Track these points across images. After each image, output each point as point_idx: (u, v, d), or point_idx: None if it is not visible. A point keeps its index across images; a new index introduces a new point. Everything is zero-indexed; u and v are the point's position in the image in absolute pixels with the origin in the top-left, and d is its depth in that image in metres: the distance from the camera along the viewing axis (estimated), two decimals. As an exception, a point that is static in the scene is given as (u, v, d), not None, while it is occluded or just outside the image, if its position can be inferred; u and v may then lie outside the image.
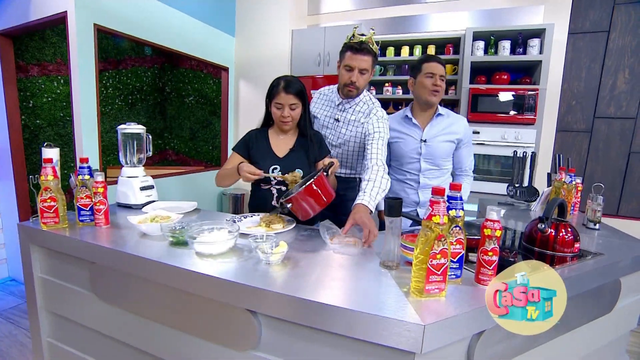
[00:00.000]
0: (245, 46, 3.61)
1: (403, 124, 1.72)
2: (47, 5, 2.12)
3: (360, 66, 1.49)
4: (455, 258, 0.86)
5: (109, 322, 1.14)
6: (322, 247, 1.12)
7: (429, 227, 0.76)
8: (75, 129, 2.11)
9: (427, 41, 3.10)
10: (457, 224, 0.84)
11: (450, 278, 0.86)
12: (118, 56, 3.71)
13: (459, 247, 0.85)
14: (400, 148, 1.72)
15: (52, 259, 1.24)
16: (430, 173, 1.71)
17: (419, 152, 1.68)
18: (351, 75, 1.51)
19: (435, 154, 1.68)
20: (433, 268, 0.76)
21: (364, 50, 1.46)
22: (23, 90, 2.96)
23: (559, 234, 1.16)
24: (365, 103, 1.62)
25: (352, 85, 1.54)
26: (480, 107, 2.79)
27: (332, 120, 1.68)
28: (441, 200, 0.77)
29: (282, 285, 0.83)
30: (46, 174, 1.18)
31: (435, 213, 0.76)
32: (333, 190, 1.27)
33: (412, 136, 1.69)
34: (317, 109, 1.75)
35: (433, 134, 1.67)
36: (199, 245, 1.01)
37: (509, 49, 2.77)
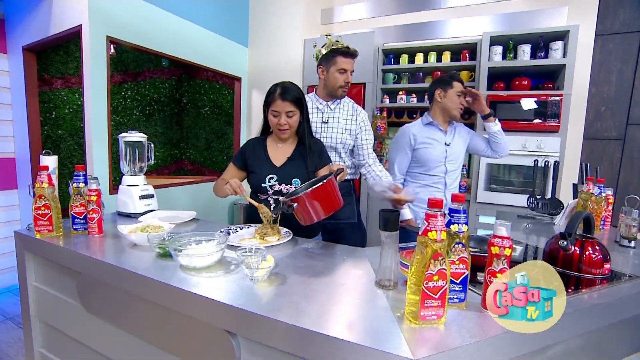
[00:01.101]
0: (258, 56, 3.63)
1: (429, 130, 1.80)
2: (65, 20, 2.20)
3: (351, 68, 1.68)
4: (458, 279, 0.75)
5: (96, 336, 1.10)
6: (316, 263, 1.04)
7: (425, 244, 0.67)
8: (87, 139, 2.14)
9: (442, 47, 3.00)
10: (460, 241, 0.74)
11: (451, 302, 0.76)
12: (137, 68, 3.82)
13: (463, 266, 0.75)
14: (427, 154, 1.77)
15: (46, 267, 1.22)
16: (453, 174, 1.81)
17: (445, 155, 1.76)
18: (346, 77, 1.66)
19: (458, 155, 1.81)
20: (429, 291, 0.66)
21: (354, 55, 1.68)
22: (47, 102, 3.08)
23: (585, 253, 1.03)
24: (348, 102, 1.77)
25: (347, 87, 1.69)
26: (498, 115, 2.62)
27: (319, 124, 1.72)
28: (439, 213, 0.67)
29: (263, 306, 0.75)
30: (41, 181, 1.17)
31: (432, 228, 0.66)
32: (341, 199, 1.18)
33: (438, 140, 1.77)
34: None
35: (452, 137, 1.81)
36: (183, 258, 0.95)
37: (529, 53, 2.62)
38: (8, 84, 2.69)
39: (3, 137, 2.68)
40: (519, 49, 2.65)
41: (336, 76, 1.66)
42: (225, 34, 3.30)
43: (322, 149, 1.51)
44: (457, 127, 1.88)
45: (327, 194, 1.12)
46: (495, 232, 0.74)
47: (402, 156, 1.81)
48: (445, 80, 1.82)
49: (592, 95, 2.68)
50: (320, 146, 1.51)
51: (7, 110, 2.70)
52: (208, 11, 3.07)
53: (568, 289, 0.94)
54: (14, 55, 2.63)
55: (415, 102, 3.11)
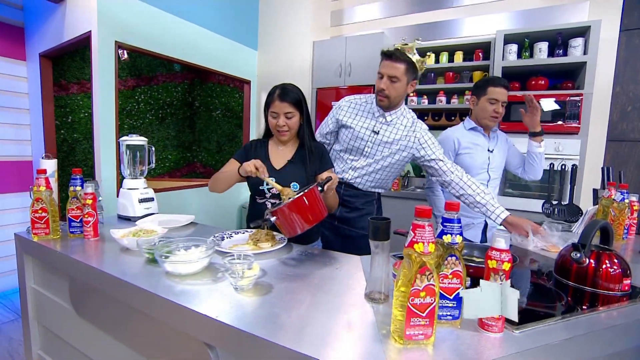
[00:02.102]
0: (267, 59, 3.63)
1: (472, 135, 1.68)
2: (76, 26, 2.25)
3: (389, 73, 1.41)
4: (451, 295, 0.69)
5: (87, 340, 1.09)
6: (306, 272, 0.99)
7: (410, 257, 0.61)
8: (95, 142, 2.18)
9: (455, 47, 2.90)
10: (453, 253, 0.68)
11: (444, 319, 0.69)
12: (150, 73, 3.89)
13: (456, 281, 0.68)
14: (469, 160, 1.66)
15: (43, 270, 1.23)
16: (494, 182, 1.69)
17: (487, 162, 1.65)
18: (381, 82, 1.44)
19: (500, 163, 1.69)
20: (415, 308, 0.60)
21: (393, 57, 1.40)
22: (63, 106, 3.17)
23: (601, 266, 0.94)
24: (407, 118, 1.53)
25: (382, 94, 1.45)
26: (513, 116, 2.51)
27: (369, 132, 1.52)
28: (426, 223, 0.61)
29: (242, 318, 0.71)
30: (38, 184, 1.18)
31: (418, 239, 0.60)
32: (325, 208, 1.13)
33: (481, 146, 1.68)
34: (350, 119, 1.57)
35: (495, 144, 1.69)
36: (168, 264, 0.92)
37: (547, 51, 2.49)
38: (26, 89, 2.78)
39: (21, 140, 2.78)
40: (535, 47, 2.52)
41: (376, 81, 1.47)
42: (234, 38, 3.31)
43: (323, 153, 1.46)
44: (499, 134, 1.76)
45: (306, 205, 1.07)
46: (493, 243, 0.67)
47: None
48: (479, 85, 1.71)
49: (616, 94, 2.52)
50: (322, 149, 1.47)
51: (25, 115, 2.79)
52: (217, 15, 3.09)
53: (582, 306, 0.85)
54: (32, 62, 2.72)
55: (426, 103, 3.02)
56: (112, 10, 2.18)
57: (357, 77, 3.14)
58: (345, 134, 1.57)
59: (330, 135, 1.67)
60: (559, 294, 0.92)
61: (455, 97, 2.91)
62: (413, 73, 1.45)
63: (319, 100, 3.38)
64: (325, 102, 3.31)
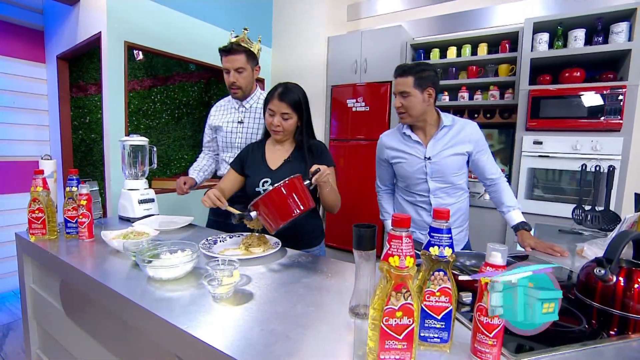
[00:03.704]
0: (281, 57, 3.63)
1: (403, 142, 1.50)
2: (88, 28, 2.34)
3: (233, 66, 1.56)
4: (439, 314, 0.62)
5: (75, 342, 1.10)
6: (293, 280, 0.95)
7: (384, 272, 0.55)
8: (105, 141, 2.25)
9: (478, 39, 2.76)
10: (442, 267, 0.61)
11: (431, 341, 0.63)
12: (166, 73, 3.98)
13: (445, 299, 0.62)
14: (404, 169, 1.51)
15: (40, 270, 1.26)
16: (442, 191, 1.47)
17: (424, 171, 1.45)
18: (229, 76, 1.58)
19: (444, 170, 1.43)
20: (390, 330, 0.55)
21: (233, 50, 1.54)
22: (81, 107, 3.32)
23: (633, 285, 0.83)
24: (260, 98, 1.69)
25: (234, 87, 1.59)
26: (543, 112, 2.35)
27: (235, 125, 1.67)
28: (403, 233, 0.55)
29: (211, 330, 0.68)
30: (36, 185, 1.21)
31: (394, 252, 0.55)
32: (310, 201, 1.08)
33: (414, 155, 1.47)
34: (218, 120, 1.72)
35: (438, 149, 1.43)
36: (150, 269, 0.91)
37: (583, 39, 2.30)
38: (45, 91, 2.94)
39: (40, 141, 2.94)
40: (569, 35, 2.34)
41: (224, 77, 1.63)
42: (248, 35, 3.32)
43: (323, 151, 1.42)
44: (459, 136, 1.42)
45: (282, 197, 1.04)
46: (488, 258, 0.60)
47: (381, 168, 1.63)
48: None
49: (665, 86, 2.29)
50: (321, 148, 1.43)
51: (44, 115, 2.95)
52: (229, 12, 3.12)
53: (608, 331, 0.76)
54: (50, 64, 2.87)
55: (447, 100, 2.90)
56: (122, 10, 2.24)
57: (373, 73, 3.07)
58: (220, 135, 1.71)
59: (211, 142, 1.80)
60: (577, 316, 0.82)
61: (478, 92, 2.77)
62: (254, 59, 1.62)
63: (334, 97, 3.33)
64: (340, 100, 3.26)
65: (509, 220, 1.44)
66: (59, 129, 2.81)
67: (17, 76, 2.78)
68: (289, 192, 1.05)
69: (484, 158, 1.45)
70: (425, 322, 0.62)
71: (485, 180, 1.48)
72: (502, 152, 2.92)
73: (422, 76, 1.34)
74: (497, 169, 1.47)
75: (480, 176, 1.49)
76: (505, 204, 1.43)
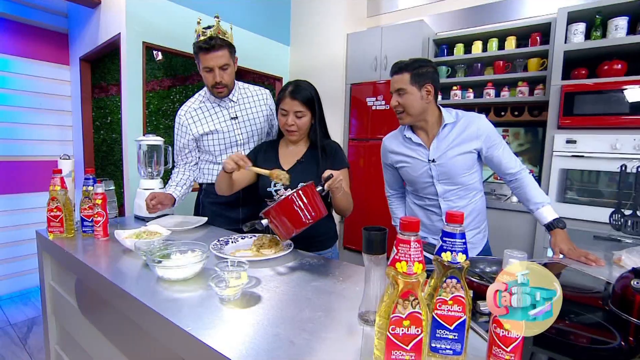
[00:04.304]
0: (299, 54, 3.65)
1: (405, 145, 1.45)
2: (108, 29, 2.44)
3: (218, 64, 1.45)
4: (452, 325, 0.60)
5: (89, 339, 1.14)
6: (303, 283, 0.94)
7: (391, 278, 0.54)
8: (124, 141, 2.33)
9: (506, 32, 2.66)
10: (454, 274, 0.59)
11: (443, 353, 0.61)
12: (185, 72, 4.10)
13: (458, 308, 0.59)
14: (408, 173, 1.47)
15: (58, 267, 1.32)
16: (452, 194, 1.41)
17: (429, 174, 1.40)
18: (213, 75, 1.46)
19: (451, 172, 1.37)
20: (396, 339, 0.53)
21: (215, 47, 1.42)
22: (103, 108, 3.46)
23: (675, 300, 0.77)
24: (244, 89, 1.65)
25: (220, 86, 1.50)
26: (577, 109, 2.23)
27: (229, 122, 1.59)
28: (412, 237, 0.53)
29: (214, 333, 0.69)
30: (54, 184, 1.27)
31: (401, 257, 0.53)
32: (323, 208, 1.09)
33: (418, 158, 1.42)
34: (206, 126, 1.57)
35: (442, 150, 1.37)
36: (159, 269, 0.93)
37: (626, 28, 2.17)
38: (69, 92, 3.08)
39: (63, 141, 3.09)
40: (609, 25, 2.21)
41: (204, 76, 1.50)
42: (265, 34, 3.37)
43: (337, 151, 1.41)
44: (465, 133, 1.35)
45: (295, 206, 1.04)
46: (505, 266, 0.57)
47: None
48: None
49: None
50: (335, 148, 1.42)
51: (68, 116, 3.10)
52: (247, 11, 3.16)
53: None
54: (74, 66, 3.01)
55: (471, 97, 2.82)
56: (141, 11, 2.32)
57: (393, 70, 3.02)
58: (213, 140, 1.59)
59: (190, 154, 1.63)
60: (612, 332, 0.77)
61: (506, 89, 2.67)
62: (234, 51, 1.53)
63: (353, 96, 3.31)
64: (360, 98, 3.24)
65: (539, 218, 1.33)
66: (81, 129, 2.94)
67: (42, 78, 2.93)
68: (301, 201, 1.05)
69: (498, 153, 1.36)
70: (437, 332, 0.60)
71: (504, 176, 1.39)
72: (530, 152, 2.81)
73: (420, 72, 1.29)
74: (515, 162, 1.36)
75: (498, 173, 1.41)
76: (532, 200, 1.32)
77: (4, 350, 2.20)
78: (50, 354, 1.40)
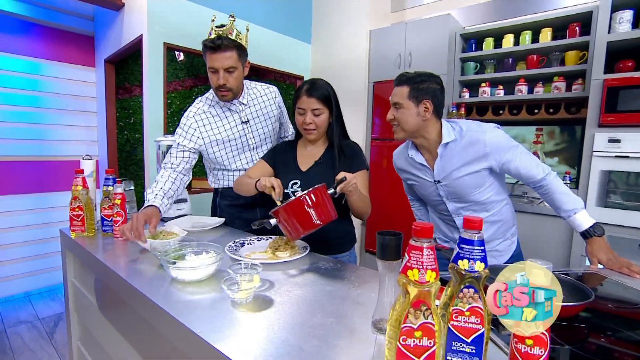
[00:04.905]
0: (321, 52, 3.65)
1: (410, 164, 1.42)
2: (131, 31, 2.54)
3: (223, 65, 1.39)
4: (469, 337, 0.58)
5: (108, 337, 1.19)
6: (317, 288, 0.94)
7: (402, 287, 0.52)
8: (145, 142, 2.42)
9: (541, 24, 2.55)
10: (471, 284, 0.57)
11: (460, 368, 0.59)
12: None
13: (476, 320, 0.57)
14: (418, 190, 1.46)
15: (80, 266, 1.39)
16: (466, 210, 1.35)
17: (438, 193, 1.37)
18: (217, 77, 1.42)
19: (460, 192, 1.32)
20: (407, 351, 0.52)
21: (222, 47, 1.37)
22: (127, 108, 3.61)
23: None
24: (253, 88, 1.62)
25: (224, 89, 1.44)
26: (622, 105, 2.11)
27: (240, 127, 1.56)
28: (425, 244, 0.52)
29: (224, 337, 0.70)
30: (76, 184, 1.33)
31: (413, 265, 0.52)
32: (333, 211, 1.10)
33: (424, 178, 1.39)
34: (217, 134, 1.53)
35: (447, 171, 1.31)
36: (173, 270, 0.96)
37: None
38: (95, 93, 3.24)
39: (89, 141, 3.25)
40: (659, 13, 2.08)
41: (209, 76, 1.46)
42: (287, 32, 3.40)
43: (356, 152, 1.40)
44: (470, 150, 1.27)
45: (304, 207, 1.05)
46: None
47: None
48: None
49: None
50: (354, 148, 1.41)
51: (93, 117, 3.26)
52: (268, 9, 3.20)
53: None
54: (99, 67, 3.16)
55: (502, 94, 2.72)
56: (162, 12, 2.41)
57: (418, 67, 2.96)
58: (224, 148, 1.57)
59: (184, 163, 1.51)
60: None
61: (540, 85, 2.56)
62: (245, 55, 1.47)
63: (376, 94, 3.28)
64: (383, 97, 3.20)
65: (573, 226, 1.24)
66: (106, 129, 3.08)
67: (69, 80, 3.10)
68: (311, 203, 1.06)
69: (515, 165, 1.26)
70: (453, 345, 0.58)
71: (528, 184, 1.31)
72: (567, 152, 2.67)
73: (420, 87, 1.24)
74: (538, 169, 1.26)
75: (522, 181, 1.33)
76: (563, 207, 1.24)
77: (32, 344, 2.34)
78: (72, 350, 1.48)
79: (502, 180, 1.38)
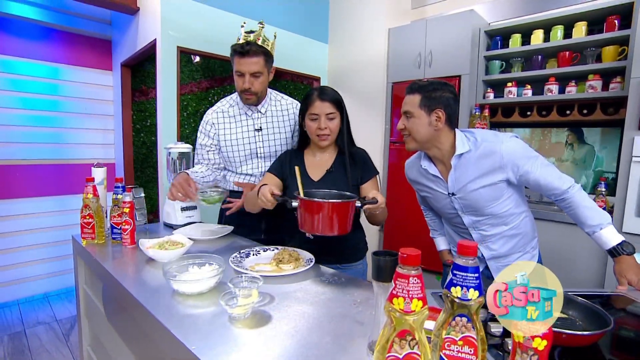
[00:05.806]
0: (338, 53, 3.66)
1: (423, 176, 1.40)
2: (146, 35, 2.64)
3: (250, 70, 1.50)
4: (462, 368, 0.58)
5: (114, 346, 1.25)
6: (317, 303, 0.96)
7: (388, 315, 0.53)
8: (158, 146, 2.51)
9: (574, 17, 2.45)
10: (464, 313, 0.57)
11: (453, 400, 0.58)
12: (223, 74, 4.31)
13: (469, 351, 0.57)
14: (432, 203, 1.45)
15: (90, 272, 1.46)
16: (483, 223, 1.33)
17: (453, 206, 1.35)
18: (243, 81, 1.52)
19: (476, 205, 1.29)
20: (393, 382, 0.52)
21: (250, 52, 1.47)
22: (143, 111, 3.75)
23: None
24: (277, 100, 1.70)
25: (248, 92, 1.54)
26: (664, 108, 2.00)
27: (252, 133, 1.64)
28: (412, 272, 0.52)
29: (215, 354, 0.72)
30: (87, 192, 1.41)
31: (398, 293, 0.52)
32: (349, 226, 1.12)
33: (437, 190, 1.37)
34: (229, 133, 1.65)
35: (462, 183, 1.28)
36: (174, 283, 1.00)
37: None
38: (111, 97, 3.39)
39: (106, 144, 3.40)
40: None
41: (235, 79, 1.56)
42: (303, 32, 3.43)
43: (365, 159, 1.42)
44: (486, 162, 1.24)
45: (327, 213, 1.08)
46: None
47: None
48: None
49: None
50: (364, 155, 1.43)
51: (110, 120, 3.41)
52: (284, 9, 3.24)
53: None
54: (116, 71, 3.31)
55: (529, 95, 2.64)
56: (175, 16, 2.49)
57: (439, 67, 2.93)
58: (233, 149, 1.65)
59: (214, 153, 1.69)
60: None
61: (572, 84, 2.46)
62: (271, 61, 1.58)
63: (394, 95, 3.26)
64: (402, 98, 3.13)
65: (599, 243, 1.21)
66: (122, 133, 3.22)
67: (87, 84, 3.26)
68: (335, 213, 1.08)
69: (534, 177, 1.21)
70: (446, 375, 0.58)
71: (549, 197, 1.27)
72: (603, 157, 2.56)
73: (432, 96, 1.22)
74: (560, 181, 1.21)
75: (543, 194, 1.29)
76: (587, 222, 1.19)
77: (49, 345, 2.47)
78: (83, 354, 1.56)
79: (521, 191, 1.34)
